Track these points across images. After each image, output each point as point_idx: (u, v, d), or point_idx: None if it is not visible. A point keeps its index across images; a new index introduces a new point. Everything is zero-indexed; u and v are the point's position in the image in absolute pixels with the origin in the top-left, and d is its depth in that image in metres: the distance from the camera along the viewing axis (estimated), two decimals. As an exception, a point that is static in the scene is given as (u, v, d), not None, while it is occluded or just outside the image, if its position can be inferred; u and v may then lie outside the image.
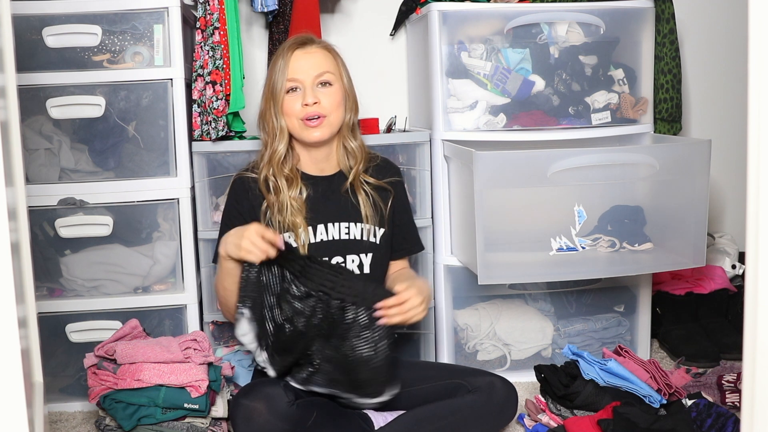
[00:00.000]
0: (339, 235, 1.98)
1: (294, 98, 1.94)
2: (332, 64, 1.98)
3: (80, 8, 2.10)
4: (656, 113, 2.49)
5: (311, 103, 1.92)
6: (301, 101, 1.93)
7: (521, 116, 2.30)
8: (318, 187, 2.00)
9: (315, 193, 1.99)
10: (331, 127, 1.96)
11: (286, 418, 1.74)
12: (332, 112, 1.95)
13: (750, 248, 0.97)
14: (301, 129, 1.95)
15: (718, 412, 1.79)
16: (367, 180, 2.03)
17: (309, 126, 1.94)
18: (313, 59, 1.96)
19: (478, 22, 2.29)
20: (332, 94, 1.96)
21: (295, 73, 1.94)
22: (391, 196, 2.05)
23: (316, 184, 2.00)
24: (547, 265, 2.15)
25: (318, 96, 1.94)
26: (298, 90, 1.95)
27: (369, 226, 2.00)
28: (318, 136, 1.95)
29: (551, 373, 1.99)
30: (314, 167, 2.02)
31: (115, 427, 1.88)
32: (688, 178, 2.17)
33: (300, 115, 1.94)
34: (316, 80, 1.95)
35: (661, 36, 2.46)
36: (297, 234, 1.93)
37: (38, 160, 2.13)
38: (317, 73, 1.95)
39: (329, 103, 1.95)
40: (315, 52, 1.97)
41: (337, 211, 1.99)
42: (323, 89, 1.95)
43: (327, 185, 2.01)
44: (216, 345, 2.28)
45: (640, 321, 2.43)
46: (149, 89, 2.15)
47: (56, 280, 2.18)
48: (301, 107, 1.93)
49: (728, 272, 2.71)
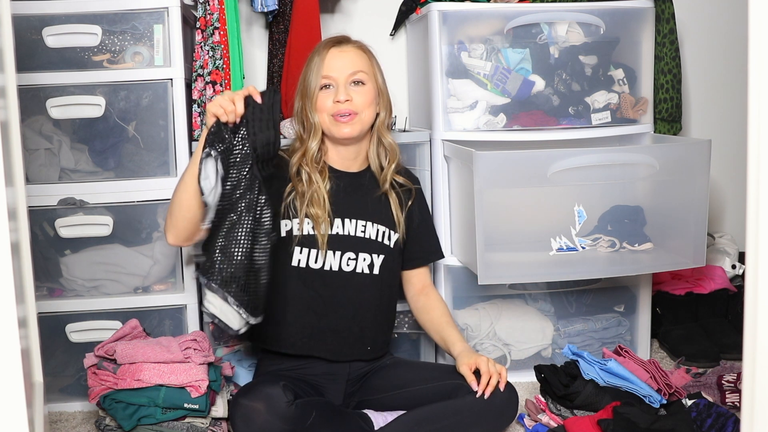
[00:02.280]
0: (355, 232, 1.99)
1: (327, 95, 1.96)
2: (366, 63, 2.00)
3: (80, 8, 2.10)
4: (656, 113, 2.49)
5: (343, 100, 1.94)
6: (333, 98, 1.95)
7: (521, 116, 2.30)
8: (341, 182, 2.01)
9: (337, 188, 2.00)
10: (362, 124, 1.98)
11: (285, 417, 1.74)
12: (364, 110, 1.97)
13: (750, 248, 0.97)
14: (332, 124, 1.97)
15: (718, 412, 1.79)
16: (397, 180, 2.06)
17: (339, 122, 1.96)
18: (348, 58, 1.98)
19: (478, 22, 2.29)
20: (365, 93, 1.98)
21: (330, 71, 1.96)
22: (409, 202, 2.07)
23: (340, 178, 2.02)
24: (547, 265, 2.15)
25: (350, 94, 1.96)
26: (332, 87, 1.97)
27: (385, 228, 2.02)
28: (348, 132, 1.96)
29: (551, 373, 1.99)
30: (341, 163, 2.04)
31: (115, 427, 1.88)
32: (688, 178, 2.17)
33: (331, 111, 1.95)
34: (350, 78, 1.97)
35: (661, 36, 2.46)
36: (317, 224, 1.94)
37: (38, 160, 2.13)
38: (351, 71, 1.97)
39: (361, 101, 1.96)
40: (350, 51, 1.99)
41: (356, 208, 2.01)
42: (356, 88, 1.97)
43: (350, 181, 2.03)
44: (216, 345, 2.28)
45: (640, 321, 2.44)
46: (149, 89, 2.15)
47: (56, 280, 2.18)
48: (332, 103, 1.95)
49: (728, 272, 2.71)
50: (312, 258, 1.96)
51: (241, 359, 2.22)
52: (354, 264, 1.99)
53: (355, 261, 1.99)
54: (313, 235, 1.95)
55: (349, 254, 1.98)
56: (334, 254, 1.97)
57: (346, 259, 1.98)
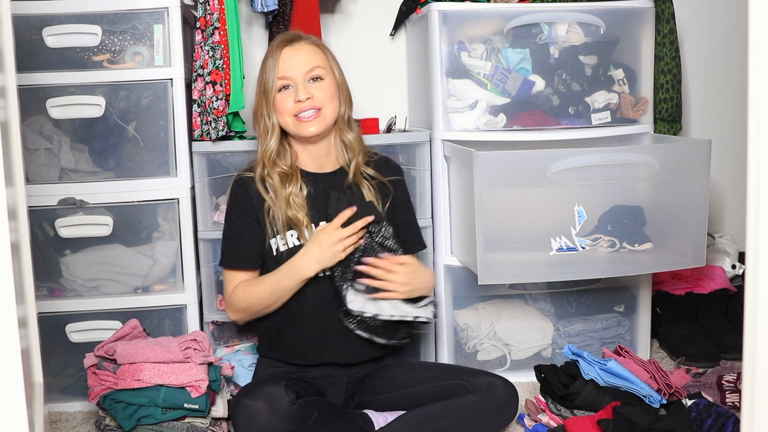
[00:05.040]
0: None
1: (286, 96, 1.95)
2: (322, 58, 1.99)
3: (80, 8, 2.10)
4: (656, 113, 2.49)
5: (304, 99, 1.93)
6: (293, 98, 1.94)
7: (521, 116, 2.30)
8: (318, 184, 2.00)
9: (315, 191, 1.99)
10: (326, 120, 1.97)
11: (286, 417, 1.74)
12: (326, 104, 1.96)
13: (750, 248, 0.97)
14: (296, 125, 1.96)
15: (718, 412, 1.79)
16: (368, 172, 2.04)
17: (303, 121, 1.95)
18: (303, 55, 1.97)
19: (478, 22, 2.29)
20: (324, 88, 1.97)
21: (286, 71, 1.95)
22: (390, 195, 2.05)
23: (317, 180, 2.01)
24: (547, 265, 2.15)
25: (310, 91, 1.95)
26: (290, 87, 1.96)
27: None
28: (313, 130, 1.95)
29: (551, 373, 1.99)
30: (314, 164, 2.03)
31: (115, 427, 1.88)
32: (688, 178, 2.17)
33: (293, 111, 1.95)
34: (307, 76, 1.96)
35: (661, 36, 2.46)
36: (301, 230, 1.94)
37: (38, 160, 2.13)
38: (307, 68, 1.96)
39: (322, 96, 1.96)
40: (303, 48, 1.98)
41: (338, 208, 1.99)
42: (315, 84, 1.97)
43: (327, 182, 2.02)
44: (216, 345, 2.28)
45: (640, 321, 2.44)
46: (149, 89, 2.15)
47: (56, 280, 2.18)
48: (293, 104, 1.94)
49: (728, 272, 2.71)
50: None
51: (241, 359, 2.22)
52: None
53: None
54: (300, 245, 1.94)
55: None
56: None
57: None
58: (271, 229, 1.95)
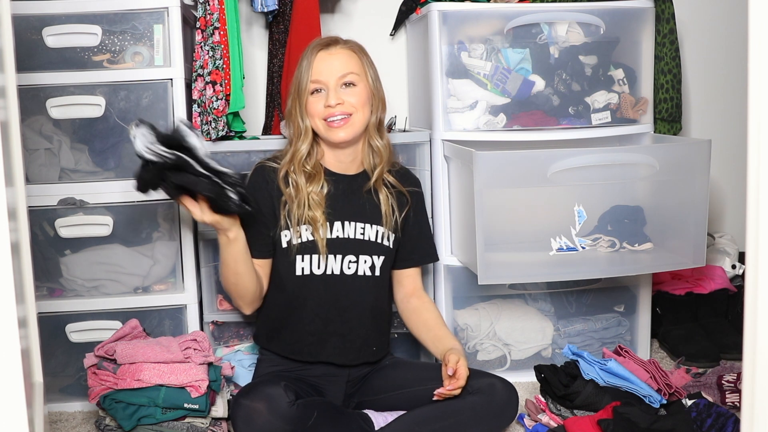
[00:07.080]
0: (354, 234, 1.99)
1: (318, 99, 1.95)
2: (356, 64, 1.98)
3: (80, 8, 2.10)
4: (656, 113, 2.49)
5: (334, 105, 1.93)
6: (324, 102, 1.94)
7: (521, 116, 2.30)
8: (339, 185, 2.00)
9: (336, 191, 1.99)
10: (355, 126, 1.96)
11: (286, 418, 1.74)
12: (357, 110, 1.95)
13: (750, 248, 0.97)
14: (326, 130, 1.95)
15: (718, 412, 1.79)
16: (389, 180, 2.04)
17: (332, 127, 1.94)
18: (337, 60, 1.96)
19: (478, 22, 2.29)
20: (357, 94, 1.96)
21: (319, 75, 1.94)
22: (407, 205, 2.05)
23: (338, 181, 2.01)
24: (547, 265, 2.15)
25: (341, 97, 1.94)
26: (322, 91, 1.95)
27: (384, 229, 2.01)
28: (342, 136, 1.95)
29: (551, 373, 1.99)
30: (338, 165, 2.03)
31: (115, 427, 1.88)
32: (688, 178, 2.17)
33: (323, 115, 1.94)
34: (340, 81, 1.95)
35: (661, 36, 2.46)
36: (316, 228, 1.94)
37: (38, 160, 2.13)
38: (341, 74, 1.95)
39: (353, 102, 1.95)
40: (339, 53, 1.97)
41: (355, 211, 2.00)
42: (347, 89, 1.96)
43: (348, 184, 2.02)
44: (216, 345, 2.28)
45: (640, 321, 2.43)
46: (149, 89, 2.15)
47: (56, 280, 2.18)
48: (324, 108, 1.94)
49: (728, 272, 2.71)
50: (314, 264, 1.95)
51: (241, 359, 2.22)
52: (355, 267, 1.98)
53: (356, 264, 1.98)
54: (313, 240, 1.95)
55: (350, 257, 1.98)
56: (335, 258, 1.97)
57: (348, 262, 1.98)
58: (285, 221, 1.95)
